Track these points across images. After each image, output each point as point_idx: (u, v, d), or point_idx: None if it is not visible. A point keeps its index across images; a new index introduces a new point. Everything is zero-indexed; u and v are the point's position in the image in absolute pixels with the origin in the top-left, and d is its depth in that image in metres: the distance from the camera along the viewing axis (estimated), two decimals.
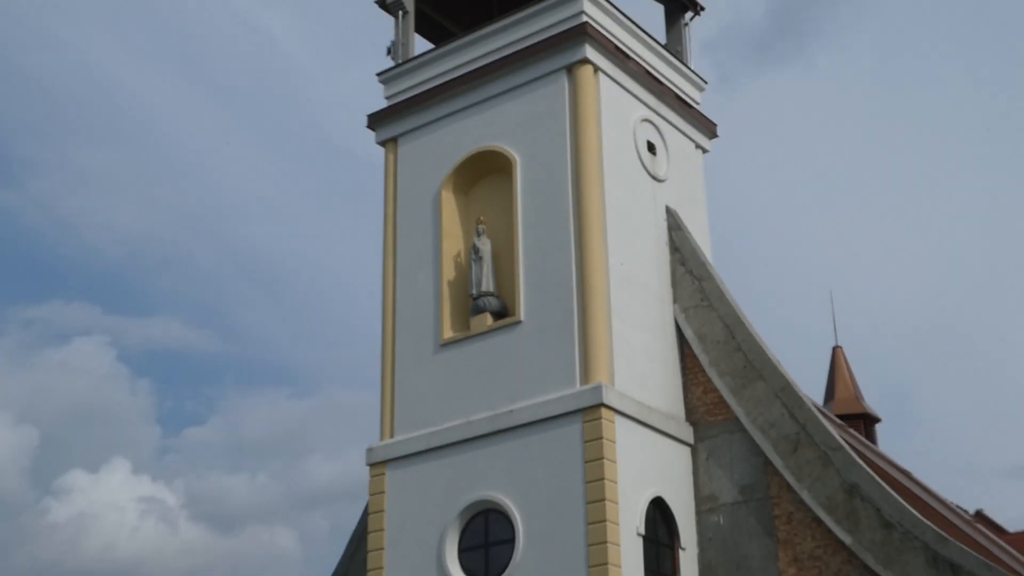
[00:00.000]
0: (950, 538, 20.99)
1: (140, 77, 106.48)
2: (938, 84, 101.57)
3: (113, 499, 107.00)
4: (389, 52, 27.60)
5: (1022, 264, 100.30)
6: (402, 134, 26.74)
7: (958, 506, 31.33)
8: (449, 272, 25.09)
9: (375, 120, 27.22)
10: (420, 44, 28.05)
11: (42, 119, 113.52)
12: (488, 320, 23.97)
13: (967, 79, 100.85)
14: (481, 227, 24.74)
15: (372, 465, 24.53)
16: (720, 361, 23.97)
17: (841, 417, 32.79)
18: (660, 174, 25.74)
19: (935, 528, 21.08)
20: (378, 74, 27.48)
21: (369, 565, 23.90)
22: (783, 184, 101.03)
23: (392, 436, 24.52)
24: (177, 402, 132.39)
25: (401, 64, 27.19)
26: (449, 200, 25.59)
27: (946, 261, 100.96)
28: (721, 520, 23.22)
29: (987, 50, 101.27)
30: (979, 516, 33.20)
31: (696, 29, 28.98)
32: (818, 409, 23.94)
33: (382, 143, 27.09)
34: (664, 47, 27.42)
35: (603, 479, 21.19)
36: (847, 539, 21.42)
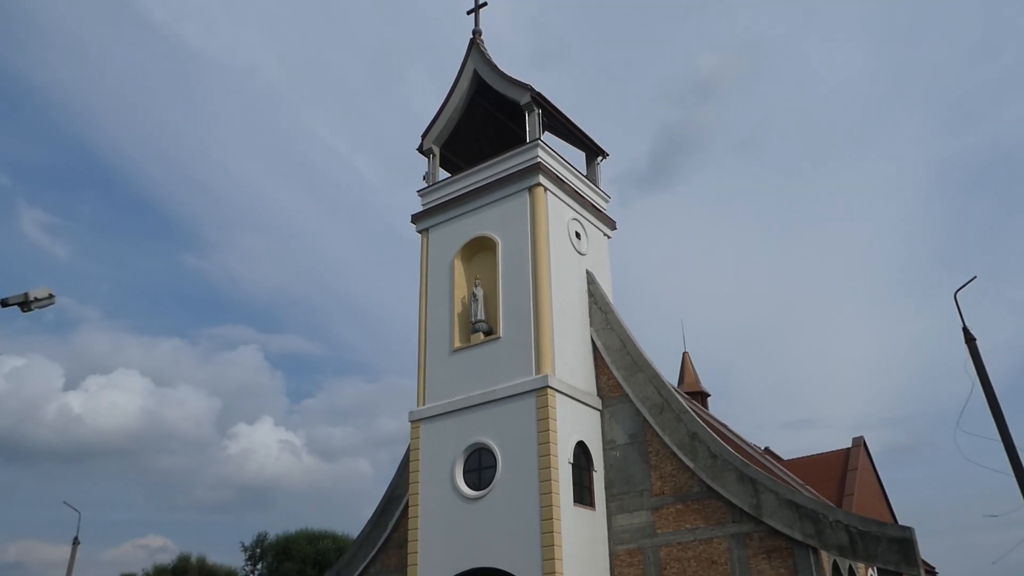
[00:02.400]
0: (750, 463, 21.41)
1: (279, 190, 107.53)
2: (742, 198, 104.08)
3: (263, 440, 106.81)
4: (424, 178, 27.52)
5: (790, 304, 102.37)
6: (432, 226, 26.72)
7: (755, 444, 31.84)
8: (458, 307, 25.08)
9: (416, 218, 27.18)
10: (442, 173, 27.92)
11: (220, 216, 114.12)
12: (481, 336, 24.06)
13: (758, 196, 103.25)
14: (477, 281, 24.90)
15: (412, 422, 24.39)
16: (617, 361, 24.10)
17: (687, 393, 33.15)
18: (583, 251, 25.87)
19: (741, 457, 21.50)
20: (418, 191, 27.41)
21: (411, 480, 23.90)
22: (655, 256, 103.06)
23: (424, 404, 24.41)
24: (299, 384, 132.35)
25: (431, 185, 27.18)
26: (459, 265, 25.64)
27: (749, 301, 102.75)
28: (618, 454, 23.29)
29: (767, 181, 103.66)
30: (767, 451, 33.49)
31: (604, 168, 28.75)
32: (674, 389, 24.01)
33: (420, 231, 26.98)
34: (585, 176, 27.53)
35: (548, 430, 21.48)
36: (691, 464, 21.70)
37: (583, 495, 22.24)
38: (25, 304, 14.05)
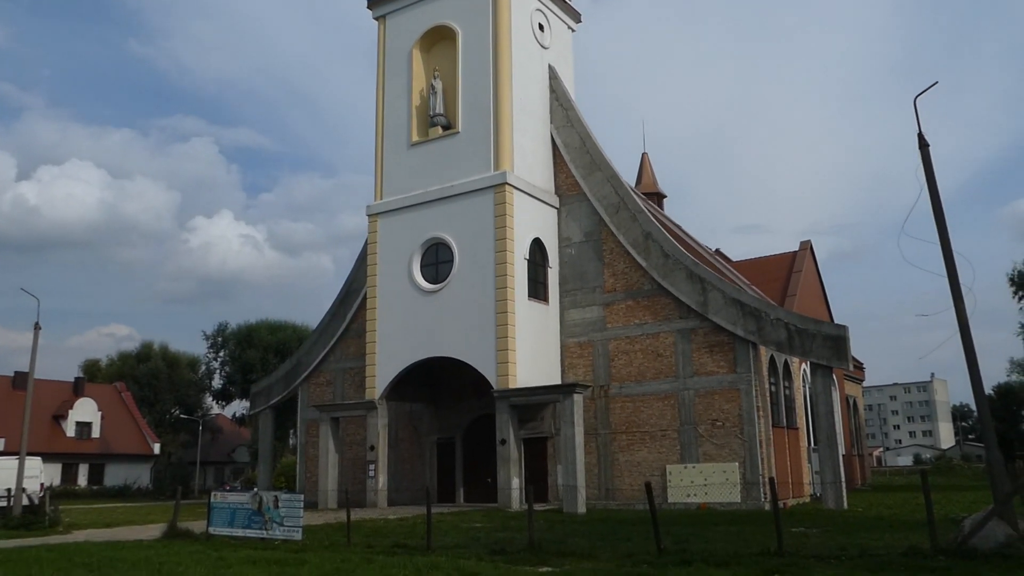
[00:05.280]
0: (700, 263, 22.10)
1: None
2: (708, 7, 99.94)
3: (223, 235, 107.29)
4: None
5: (749, 110, 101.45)
6: (389, 12, 25.57)
7: (706, 246, 32.62)
8: (416, 101, 24.57)
9: (372, 2, 25.96)
10: None
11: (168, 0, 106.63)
12: (439, 131, 23.80)
13: (721, 9, 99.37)
14: (437, 73, 24.24)
15: (370, 216, 24.57)
16: (576, 159, 24.07)
17: (644, 194, 33.32)
18: (546, 44, 25.13)
19: (692, 257, 22.15)
20: None
21: (368, 274, 24.41)
22: (618, 52, 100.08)
23: (381, 198, 24.48)
24: (255, 178, 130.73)
25: None
26: (417, 56, 24.84)
27: (709, 105, 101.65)
28: (573, 251, 23.85)
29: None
30: (718, 252, 34.33)
31: None
32: (631, 189, 24.22)
33: (377, 18, 25.87)
34: None
35: (505, 227, 21.83)
36: (643, 263, 22.37)
37: (537, 290, 22.92)
38: None
